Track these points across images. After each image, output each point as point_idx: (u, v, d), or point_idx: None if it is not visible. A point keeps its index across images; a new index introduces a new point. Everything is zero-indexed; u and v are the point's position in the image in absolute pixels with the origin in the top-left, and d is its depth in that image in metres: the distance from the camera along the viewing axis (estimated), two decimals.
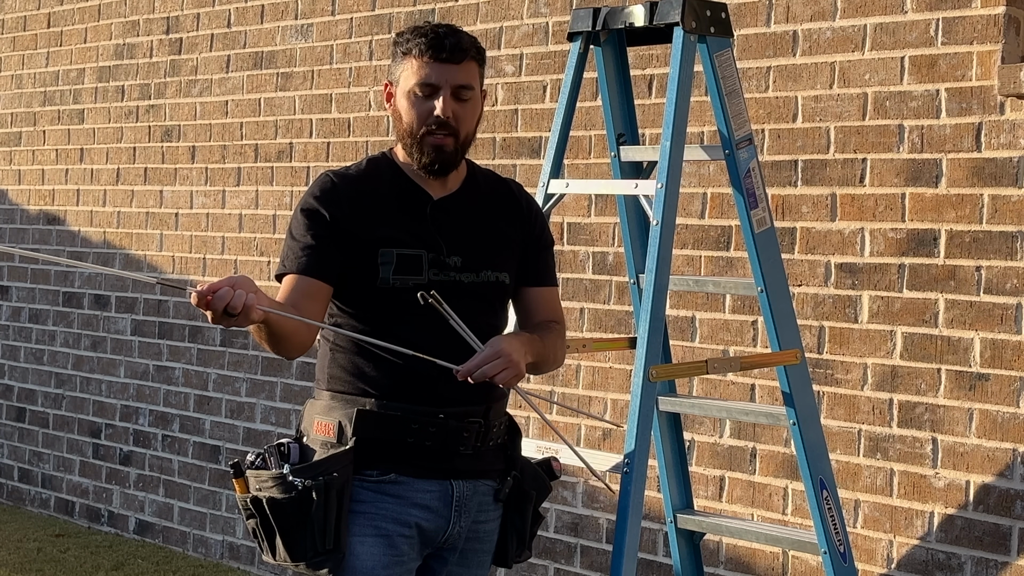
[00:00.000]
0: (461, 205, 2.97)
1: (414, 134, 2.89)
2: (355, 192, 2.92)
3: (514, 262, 3.02)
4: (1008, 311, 3.89)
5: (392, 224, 2.89)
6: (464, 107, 2.90)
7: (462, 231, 2.95)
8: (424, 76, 2.86)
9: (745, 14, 4.44)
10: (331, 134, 5.75)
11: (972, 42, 3.97)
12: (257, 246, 6.04)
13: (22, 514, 7.03)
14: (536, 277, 3.07)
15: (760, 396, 4.40)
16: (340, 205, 2.89)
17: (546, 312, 3.07)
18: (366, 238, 2.87)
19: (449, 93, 2.87)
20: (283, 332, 2.77)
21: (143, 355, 6.56)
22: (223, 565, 6.08)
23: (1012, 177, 3.89)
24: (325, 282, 2.86)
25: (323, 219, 2.87)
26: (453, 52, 2.87)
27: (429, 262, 2.89)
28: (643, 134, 4.47)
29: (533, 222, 3.08)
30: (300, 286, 2.85)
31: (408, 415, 2.86)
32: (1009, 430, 3.89)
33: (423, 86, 2.87)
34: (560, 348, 3.07)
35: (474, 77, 2.91)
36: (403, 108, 2.91)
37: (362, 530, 2.85)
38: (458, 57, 2.87)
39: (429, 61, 2.86)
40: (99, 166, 6.83)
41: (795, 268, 4.29)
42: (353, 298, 2.90)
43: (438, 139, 2.88)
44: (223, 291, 2.56)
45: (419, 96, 2.88)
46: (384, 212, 2.91)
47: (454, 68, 2.87)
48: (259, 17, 6.07)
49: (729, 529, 3.86)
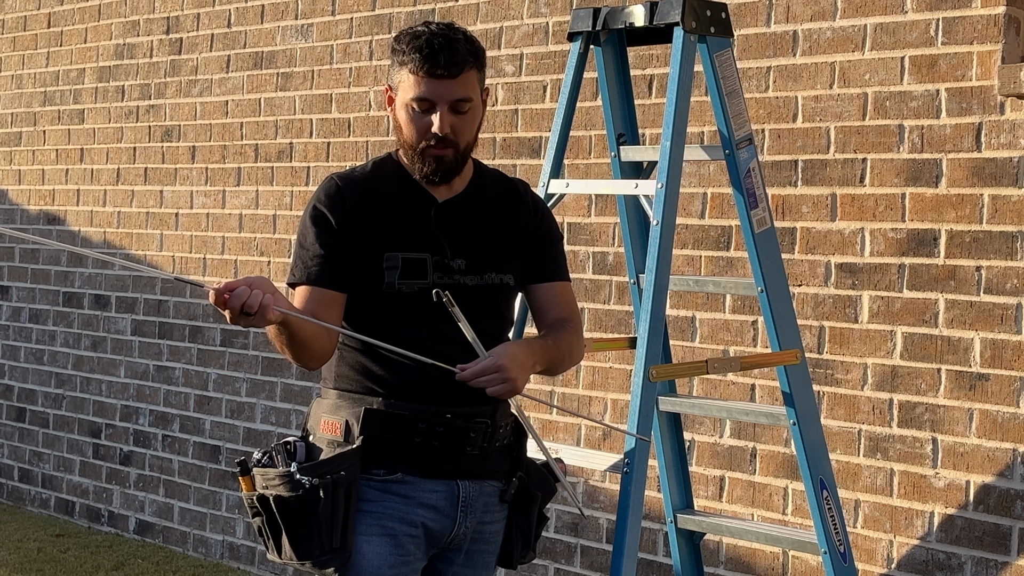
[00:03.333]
0: (466, 207, 2.97)
1: (414, 146, 2.89)
2: (360, 196, 2.92)
3: (520, 263, 3.02)
4: (1008, 311, 3.89)
5: (397, 228, 2.90)
6: (463, 119, 2.88)
7: (466, 234, 2.95)
8: (420, 92, 2.84)
9: (745, 14, 4.44)
10: (331, 134, 5.75)
11: (972, 42, 3.97)
12: (257, 246, 6.04)
13: (22, 514, 7.03)
14: (545, 273, 3.06)
15: (760, 396, 4.40)
16: (346, 210, 2.89)
17: (559, 308, 3.05)
18: (372, 242, 2.88)
19: (447, 108, 2.85)
20: (303, 337, 2.78)
21: (143, 355, 6.56)
22: (223, 565, 6.08)
23: (1012, 177, 3.89)
24: (339, 291, 2.88)
25: (330, 226, 2.88)
26: (449, 67, 2.83)
27: (433, 265, 2.89)
28: (643, 134, 4.47)
29: (539, 219, 3.07)
30: (315, 296, 2.87)
31: (415, 415, 2.86)
32: (1009, 430, 3.89)
33: (420, 101, 2.85)
34: (576, 346, 3.04)
35: (472, 87, 2.88)
36: (402, 120, 2.90)
37: (368, 529, 2.85)
38: (454, 71, 2.84)
39: (424, 77, 2.84)
40: (99, 166, 6.83)
41: (795, 268, 4.29)
42: (360, 301, 2.90)
43: (438, 151, 2.88)
44: (240, 290, 2.58)
45: (416, 111, 2.87)
46: (389, 216, 2.91)
47: (451, 83, 2.84)
48: (259, 17, 6.07)
49: (729, 529, 3.86)
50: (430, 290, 2.82)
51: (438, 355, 2.80)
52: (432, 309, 2.84)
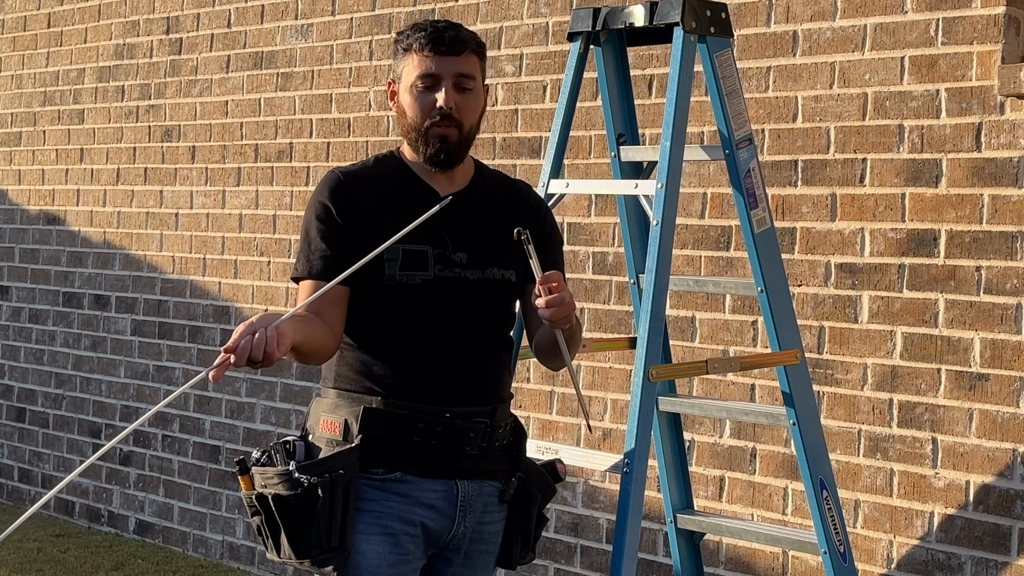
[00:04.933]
0: (468, 202, 2.98)
1: (418, 127, 2.91)
2: (363, 189, 2.94)
3: (521, 261, 3.02)
4: (1008, 311, 3.89)
5: (398, 220, 2.90)
6: (467, 97, 2.92)
7: (468, 228, 2.96)
8: (425, 68, 2.90)
9: (745, 14, 4.44)
10: (331, 134, 5.75)
11: (972, 42, 3.97)
12: (257, 246, 6.04)
13: (22, 514, 7.02)
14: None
15: (760, 396, 4.40)
16: (348, 203, 2.91)
17: None
18: (373, 234, 2.88)
19: (451, 84, 2.90)
20: (310, 350, 2.81)
21: (143, 355, 6.56)
22: (223, 565, 6.08)
23: (1012, 177, 3.89)
24: (343, 285, 2.88)
25: (333, 220, 2.90)
26: (453, 44, 2.90)
27: (435, 258, 2.90)
28: (643, 134, 4.47)
29: (542, 221, 3.08)
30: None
31: (414, 414, 2.86)
32: (1009, 430, 3.89)
33: (425, 77, 2.90)
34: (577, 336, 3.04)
35: (475, 68, 2.94)
36: (406, 103, 2.93)
37: (367, 528, 2.85)
38: (458, 49, 2.90)
39: (430, 54, 2.89)
40: (99, 166, 6.83)
41: (795, 268, 4.29)
42: (361, 293, 2.91)
43: (442, 129, 2.90)
44: (241, 347, 2.53)
45: (421, 89, 2.90)
46: (391, 208, 2.92)
47: (455, 59, 2.90)
48: (259, 17, 6.07)
49: (729, 529, 3.86)
50: (431, 283, 2.84)
51: (437, 352, 2.82)
52: (432, 303, 2.86)
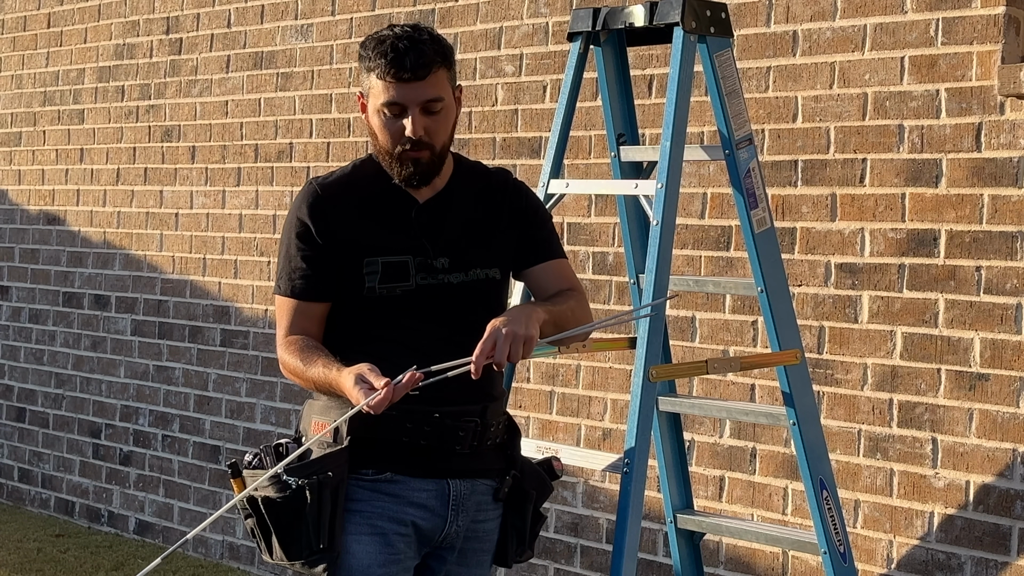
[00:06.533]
0: (446, 205, 2.97)
1: (390, 151, 2.90)
2: (339, 201, 2.93)
3: (507, 254, 3.02)
4: (1008, 311, 3.89)
5: (377, 232, 2.91)
6: (436, 119, 2.88)
7: (448, 232, 2.95)
8: (390, 97, 2.85)
9: (745, 14, 4.44)
10: (331, 134, 5.75)
11: (972, 42, 3.97)
12: (257, 246, 6.04)
13: (22, 514, 7.03)
14: (536, 254, 3.05)
15: (760, 396, 4.40)
16: (326, 218, 2.91)
17: (558, 283, 3.03)
18: (352, 248, 2.89)
19: (418, 111, 2.85)
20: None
21: (143, 355, 6.56)
22: (223, 565, 6.08)
23: (1012, 177, 3.89)
24: (323, 301, 2.93)
25: (312, 239, 2.90)
26: (416, 69, 2.82)
27: (416, 267, 2.91)
28: (643, 134, 4.47)
29: (518, 202, 3.05)
30: (302, 310, 2.93)
31: (402, 415, 2.86)
32: (1009, 430, 3.89)
33: (391, 105, 2.85)
34: (580, 309, 3.00)
35: (443, 87, 2.88)
36: (376, 126, 2.90)
37: (358, 528, 2.86)
38: (422, 73, 2.83)
39: (392, 82, 2.83)
40: (99, 166, 6.83)
41: (795, 268, 4.29)
42: (341, 306, 2.93)
43: (414, 154, 2.88)
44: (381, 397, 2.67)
45: (388, 116, 2.87)
46: (369, 220, 2.92)
47: (419, 85, 2.84)
48: (259, 17, 6.07)
49: (729, 529, 3.86)
50: (413, 292, 2.86)
51: (424, 356, 2.80)
52: (416, 310, 2.88)
